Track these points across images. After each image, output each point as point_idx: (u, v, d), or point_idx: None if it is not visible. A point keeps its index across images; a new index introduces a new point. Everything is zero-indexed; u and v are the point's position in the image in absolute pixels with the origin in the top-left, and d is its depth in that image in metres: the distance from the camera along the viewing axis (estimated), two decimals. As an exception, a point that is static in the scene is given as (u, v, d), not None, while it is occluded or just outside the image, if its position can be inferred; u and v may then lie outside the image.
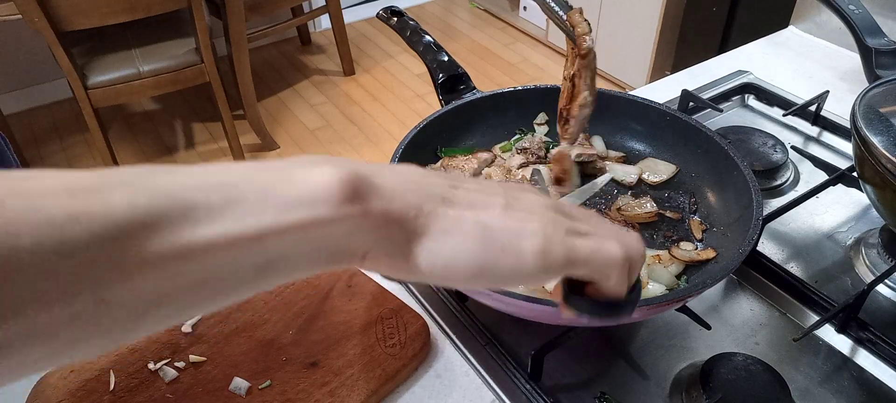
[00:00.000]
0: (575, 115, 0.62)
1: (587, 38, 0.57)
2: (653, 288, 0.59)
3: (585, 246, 0.35)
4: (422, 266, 0.32)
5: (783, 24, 1.18)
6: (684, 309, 0.59)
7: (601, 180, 0.66)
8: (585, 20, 0.59)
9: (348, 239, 0.30)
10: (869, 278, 0.67)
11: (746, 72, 1.03)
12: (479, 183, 0.36)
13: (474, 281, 0.33)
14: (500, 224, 0.33)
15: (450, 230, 0.32)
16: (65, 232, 0.23)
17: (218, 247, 0.26)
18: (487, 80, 3.02)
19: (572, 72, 0.61)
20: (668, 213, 0.69)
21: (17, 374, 0.25)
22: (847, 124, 0.70)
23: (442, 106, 0.74)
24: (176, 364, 0.57)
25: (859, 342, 0.61)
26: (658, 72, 2.71)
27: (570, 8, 0.60)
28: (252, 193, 0.28)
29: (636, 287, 0.38)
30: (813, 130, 0.91)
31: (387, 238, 0.31)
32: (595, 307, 0.37)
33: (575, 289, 0.37)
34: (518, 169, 0.72)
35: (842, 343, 0.61)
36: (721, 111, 0.92)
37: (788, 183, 0.82)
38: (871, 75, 0.87)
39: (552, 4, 0.60)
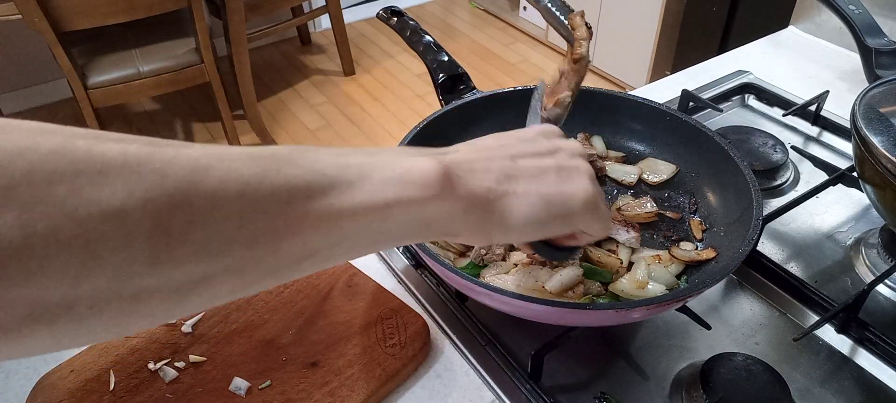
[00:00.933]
0: (548, 107, 0.62)
1: (584, 43, 0.57)
2: (653, 288, 0.59)
3: (606, 210, 0.46)
4: (500, 234, 0.41)
5: (783, 24, 1.18)
6: (684, 309, 0.59)
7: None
8: (586, 25, 0.59)
9: (444, 217, 0.38)
10: (869, 278, 0.67)
11: (746, 72, 1.03)
12: (531, 143, 0.45)
13: (538, 234, 0.43)
14: (556, 189, 0.42)
15: (519, 203, 0.41)
16: (255, 189, 0.30)
17: (357, 213, 0.34)
18: (487, 80, 3.02)
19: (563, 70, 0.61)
20: (668, 213, 0.69)
21: (217, 300, 0.31)
22: (847, 124, 0.70)
23: (442, 106, 0.74)
24: (176, 364, 0.56)
25: (859, 342, 0.61)
26: (658, 72, 2.71)
27: (571, 11, 0.60)
28: (379, 174, 0.35)
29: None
30: (813, 130, 0.91)
31: (473, 219, 0.39)
32: (553, 250, 0.48)
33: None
34: None
35: (842, 343, 0.61)
36: (721, 111, 0.92)
37: (788, 183, 0.82)
38: (871, 75, 0.87)
39: (551, 8, 0.60)
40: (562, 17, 0.60)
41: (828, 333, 0.62)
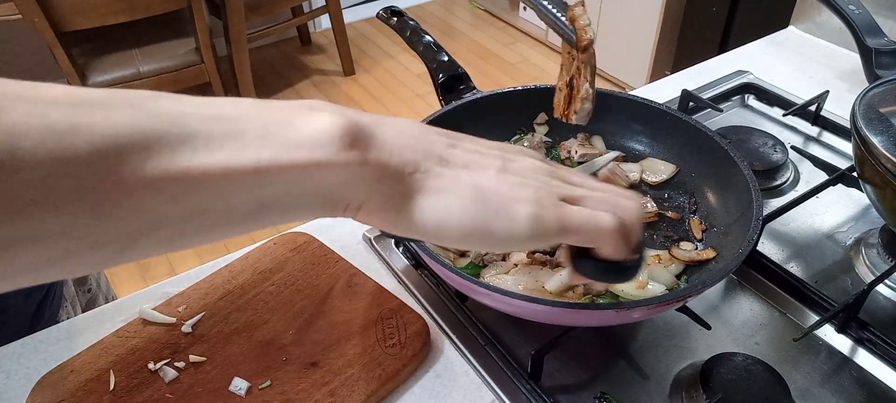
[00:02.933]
0: (577, 110, 0.61)
1: (589, 29, 0.57)
2: (653, 288, 0.59)
3: (577, 214, 0.35)
4: (415, 222, 0.33)
5: (783, 24, 1.18)
6: (684, 309, 0.59)
7: (602, 159, 0.65)
8: (586, 13, 0.58)
9: (345, 188, 0.31)
10: (869, 278, 0.67)
11: (746, 72, 1.03)
12: (478, 143, 0.37)
13: (467, 242, 0.34)
14: (494, 187, 0.34)
15: (445, 189, 0.33)
16: (65, 141, 0.24)
17: (215, 177, 0.27)
18: (487, 80, 3.02)
19: (568, 78, 0.60)
20: (668, 213, 0.69)
21: (11, 279, 0.26)
22: (847, 124, 0.70)
23: (442, 106, 0.74)
24: (176, 364, 0.56)
25: (859, 342, 0.61)
26: (658, 72, 2.71)
27: (567, 6, 0.59)
28: (252, 130, 0.28)
29: (640, 249, 0.39)
30: (813, 130, 0.91)
31: (382, 191, 0.32)
32: (599, 270, 0.38)
33: (581, 253, 0.38)
34: None
35: (842, 343, 0.61)
36: (721, 111, 0.92)
37: (788, 183, 0.82)
38: (871, 75, 0.87)
39: (549, 6, 0.59)
40: (559, 14, 0.59)
41: (828, 333, 0.62)
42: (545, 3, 0.59)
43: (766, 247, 0.72)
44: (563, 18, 0.58)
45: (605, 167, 0.69)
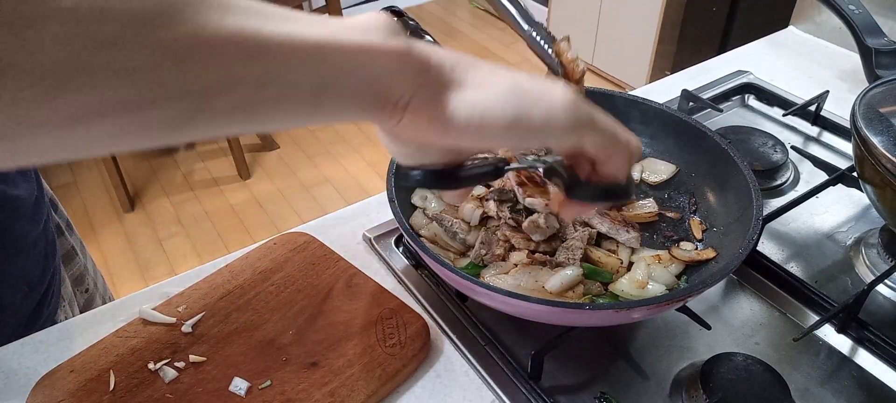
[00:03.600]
0: None
1: (579, 61, 0.57)
2: (653, 288, 0.59)
3: (604, 118, 0.39)
4: (460, 115, 0.34)
5: (783, 24, 1.18)
6: (684, 309, 0.59)
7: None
8: (571, 48, 0.58)
9: (393, 77, 0.33)
10: (869, 278, 0.67)
11: (746, 72, 1.03)
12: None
13: (509, 134, 0.36)
14: (530, 81, 0.36)
15: (485, 82, 0.35)
16: None
17: (283, 44, 0.29)
18: (487, 80, 3.01)
19: None
20: (668, 213, 0.69)
21: (80, 144, 0.27)
22: (847, 124, 0.70)
23: (442, 106, 0.74)
24: (176, 364, 0.56)
25: (859, 342, 0.61)
26: (658, 72, 2.72)
27: (555, 39, 0.59)
28: (311, 16, 0.31)
29: (630, 178, 0.43)
30: (813, 130, 0.91)
31: (427, 83, 0.34)
32: (597, 192, 0.42)
33: (574, 182, 0.42)
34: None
35: (842, 343, 0.61)
36: (721, 111, 0.92)
37: (788, 183, 0.82)
38: (871, 75, 0.87)
39: (536, 37, 0.59)
40: (546, 47, 0.59)
41: (828, 333, 0.62)
42: (534, 34, 0.59)
43: (766, 247, 0.72)
44: (551, 52, 0.58)
45: None
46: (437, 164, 0.40)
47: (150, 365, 0.56)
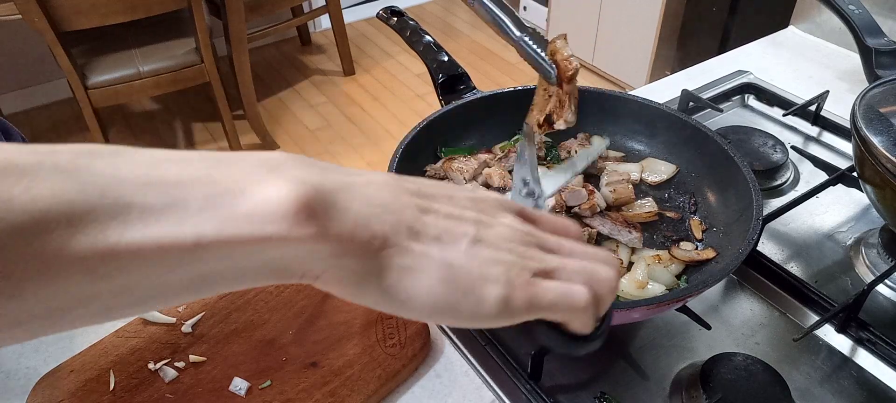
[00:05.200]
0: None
1: (572, 60, 0.55)
2: (653, 288, 0.59)
3: (550, 292, 0.33)
4: (380, 299, 0.30)
5: (783, 24, 1.18)
6: (684, 309, 0.59)
7: (595, 150, 0.65)
8: (568, 46, 0.56)
9: (299, 262, 0.28)
10: (869, 278, 0.67)
11: (746, 72, 1.03)
12: (453, 202, 0.34)
13: (434, 318, 0.32)
14: (465, 264, 0.31)
15: (413, 267, 0.30)
16: None
17: (148, 253, 0.24)
18: (487, 80, 3.02)
19: (542, 118, 0.58)
20: (668, 213, 0.69)
21: None
22: (847, 124, 0.70)
23: (442, 106, 0.74)
24: (176, 364, 0.56)
25: (859, 342, 0.61)
26: (658, 72, 2.71)
27: (547, 42, 0.57)
28: (196, 199, 0.25)
29: (606, 317, 0.37)
30: (813, 130, 0.91)
31: (343, 265, 0.29)
32: (561, 340, 0.35)
33: (542, 320, 0.35)
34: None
35: (842, 343, 0.61)
36: (721, 111, 0.92)
37: (788, 183, 0.82)
38: (871, 75, 0.87)
39: (529, 42, 0.58)
40: (540, 50, 0.57)
41: (828, 333, 0.62)
42: (526, 38, 0.58)
43: (766, 247, 0.72)
44: (543, 53, 0.56)
45: (596, 156, 0.69)
46: None
47: (150, 365, 0.56)
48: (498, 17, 0.59)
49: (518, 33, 0.58)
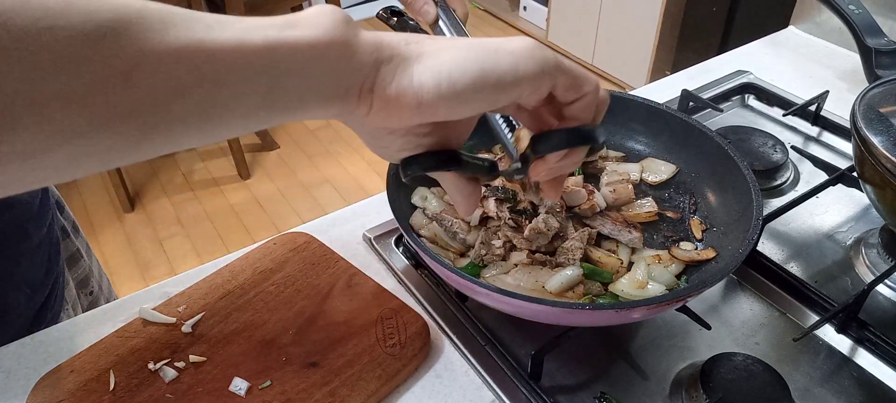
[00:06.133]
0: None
1: (523, 144, 0.55)
2: (653, 288, 0.59)
3: (568, 61, 0.38)
4: (428, 82, 0.34)
5: (783, 24, 1.18)
6: (684, 309, 0.59)
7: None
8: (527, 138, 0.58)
9: (348, 64, 0.33)
10: (869, 278, 0.67)
11: (746, 72, 1.03)
12: None
13: (479, 93, 0.35)
14: (486, 40, 0.36)
15: (444, 47, 0.35)
16: (91, 8, 0.25)
17: (230, 49, 0.29)
18: (487, 80, 3.01)
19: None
20: (668, 213, 0.69)
21: (40, 176, 0.27)
22: (847, 124, 0.70)
23: (442, 106, 0.74)
24: (176, 364, 0.56)
25: (859, 342, 0.61)
26: (658, 72, 2.72)
27: (515, 127, 0.58)
28: (257, 20, 0.31)
29: (600, 126, 0.42)
30: (813, 130, 0.91)
31: (385, 62, 0.34)
32: (564, 137, 0.41)
33: (542, 135, 0.41)
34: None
35: (842, 343, 0.61)
36: (721, 111, 0.92)
37: (788, 183, 0.82)
38: (871, 75, 0.87)
39: (500, 123, 0.59)
40: (509, 133, 0.58)
41: (828, 333, 0.62)
42: (498, 117, 0.59)
43: (766, 247, 0.72)
44: (512, 136, 0.58)
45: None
46: (435, 146, 0.40)
47: (150, 365, 0.56)
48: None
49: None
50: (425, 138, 0.40)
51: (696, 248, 0.65)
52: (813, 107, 0.90)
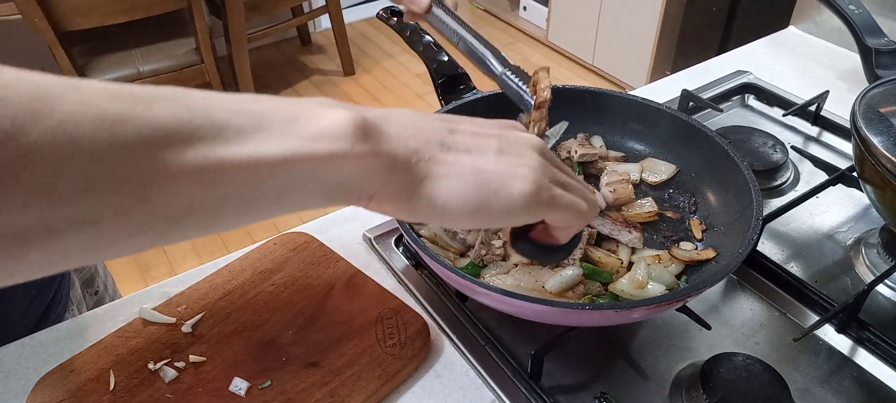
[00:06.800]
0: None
1: (548, 91, 0.57)
2: (653, 288, 0.59)
3: (565, 197, 0.40)
4: (423, 207, 0.36)
5: (783, 24, 1.18)
6: (684, 309, 0.59)
7: (556, 130, 0.68)
8: (548, 78, 0.59)
9: (360, 177, 0.33)
10: (869, 278, 0.67)
11: (746, 72, 1.03)
12: (476, 123, 0.40)
13: (471, 220, 0.37)
14: (493, 167, 0.37)
15: (449, 174, 0.36)
16: (116, 129, 0.26)
17: (247, 166, 0.29)
18: (487, 80, 3.01)
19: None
20: (668, 213, 0.69)
21: (61, 261, 0.27)
22: (847, 124, 0.70)
23: (442, 106, 0.74)
24: (176, 364, 0.56)
25: (859, 342, 0.61)
26: (658, 72, 2.71)
27: (528, 77, 0.60)
28: (277, 123, 0.31)
29: (577, 236, 0.45)
30: (813, 130, 0.91)
31: (392, 180, 0.34)
32: (540, 251, 0.44)
33: (519, 234, 0.44)
34: None
35: (842, 343, 0.61)
36: (721, 111, 0.92)
37: (788, 183, 0.82)
38: (871, 75, 0.87)
39: (512, 77, 0.60)
40: (522, 84, 0.59)
41: (828, 333, 0.62)
42: (508, 73, 0.60)
43: (766, 247, 0.72)
44: (525, 86, 0.59)
45: (557, 136, 0.71)
46: None
47: (150, 365, 0.56)
48: (480, 53, 0.63)
49: (500, 69, 0.61)
50: None
51: (696, 248, 0.65)
52: (813, 108, 0.89)
